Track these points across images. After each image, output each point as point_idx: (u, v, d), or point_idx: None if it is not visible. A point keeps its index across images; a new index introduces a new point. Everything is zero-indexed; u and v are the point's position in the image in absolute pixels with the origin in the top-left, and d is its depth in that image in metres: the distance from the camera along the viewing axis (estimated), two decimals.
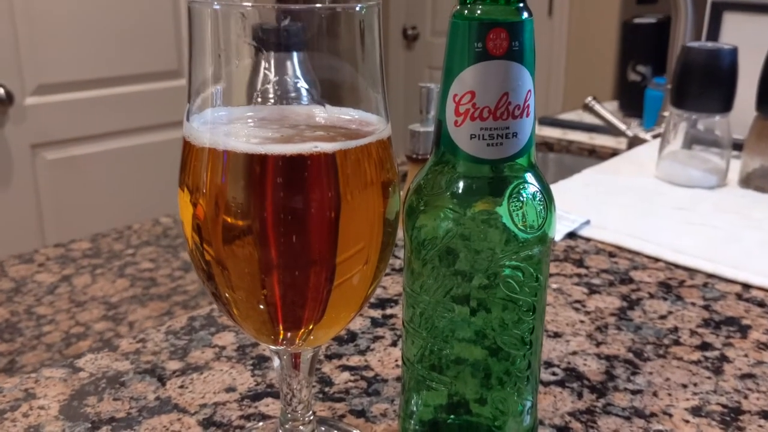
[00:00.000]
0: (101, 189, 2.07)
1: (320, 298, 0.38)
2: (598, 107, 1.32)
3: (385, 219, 0.40)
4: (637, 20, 2.15)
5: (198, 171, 0.37)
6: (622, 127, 1.32)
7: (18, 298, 0.88)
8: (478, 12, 0.38)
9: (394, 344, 0.61)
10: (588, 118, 1.65)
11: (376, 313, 0.66)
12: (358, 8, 0.38)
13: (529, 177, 0.41)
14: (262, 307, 0.37)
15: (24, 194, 1.98)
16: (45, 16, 1.90)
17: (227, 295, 0.38)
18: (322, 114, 0.41)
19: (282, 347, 0.42)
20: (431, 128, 1.03)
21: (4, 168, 1.96)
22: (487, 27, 0.37)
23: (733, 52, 0.93)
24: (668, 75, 1.30)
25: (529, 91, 0.39)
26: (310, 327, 0.39)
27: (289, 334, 0.39)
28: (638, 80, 2.06)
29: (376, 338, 0.62)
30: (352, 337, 0.62)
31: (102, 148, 2.08)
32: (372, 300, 0.69)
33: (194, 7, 0.37)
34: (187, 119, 0.38)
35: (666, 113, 1.31)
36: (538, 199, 0.40)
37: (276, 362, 0.45)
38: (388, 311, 0.67)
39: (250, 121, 0.40)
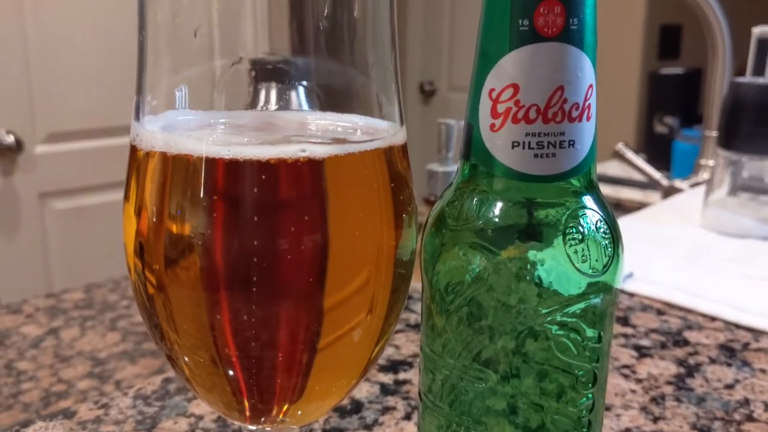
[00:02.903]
0: (110, 240, 2.00)
1: (302, 358, 0.27)
2: (630, 154, 1.23)
3: (397, 254, 0.29)
4: (664, 71, 2.08)
5: (143, 183, 0.27)
6: (657, 175, 1.21)
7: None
8: None
9: (407, 417, 0.50)
10: (612, 170, 1.55)
11: (387, 378, 0.55)
12: None
13: (590, 202, 0.31)
14: (218, 367, 0.27)
15: (32, 244, 1.94)
16: (58, 65, 1.87)
17: (174, 346, 0.28)
18: (319, 120, 0.32)
19: (259, 426, 0.31)
20: (452, 168, 0.93)
21: (13, 217, 1.92)
22: None
23: None
24: (704, 123, 1.20)
25: (591, 86, 0.29)
26: (292, 397, 0.29)
27: (262, 408, 0.29)
28: (665, 132, 1.97)
29: (386, 409, 0.51)
30: (357, 407, 0.51)
31: (111, 198, 2.02)
32: (382, 362, 0.58)
33: None
34: (137, 119, 0.29)
35: (703, 161, 1.22)
36: (602, 231, 0.30)
37: None
38: (402, 376, 0.56)
39: (222, 127, 0.31)
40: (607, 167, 1.60)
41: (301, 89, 0.33)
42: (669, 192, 1.19)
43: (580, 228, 0.30)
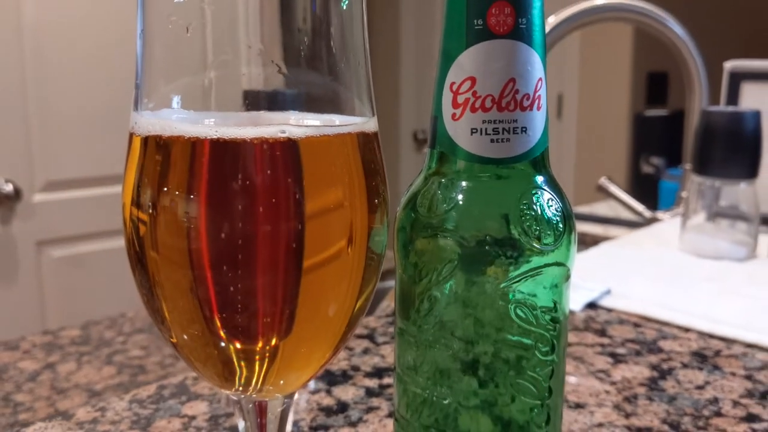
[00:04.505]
0: (107, 287, 2.01)
1: (281, 318, 0.30)
2: (612, 188, 1.27)
3: (370, 230, 0.33)
4: (649, 113, 2.14)
5: (141, 162, 0.30)
6: (640, 207, 1.25)
7: None
8: None
9: (391, 415, 0.53)
10: (601, 210, 1.59)
11: (372, 383, 0.58)
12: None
13: (543, 183, 0.34)
14: (203, 327, 0.30)
15: (29, 291, 1.94)
16: (57, 115, 1.91)
17: (161, 302, 0.31)
18: (301, 117, 0.35)
19: (242, 394, 0.34)
20: None
21: (10, 265, 1.93)
22: (489, 0, 0.32)
23: (756, 116, 0.87)
24: (685, 158, 1.25)
25: (540, 79, 0.33)
26: (271, 366, 0.31)
27: (243, 368, 0.32)
28: (652, 172, 2.02)
29: (371, 409, 0.54)
30: (343, 407, 0.54)
31: (108, 246, 2.04)
32: (368, 369, 0.60)
33: None
34: (135, 108, 0.32)
35: (684, 193, 1.25)
36: (554, 208, 0.34)
37: (241, 425, 0.37)
38: (386, 381, 0.58)
39: (213, 120, 0.34)
40: (596, 208, 1.63)
41: (285, 96, 0.37)
42: (651, 224, 1.22)
43: (533, 205, 0.33)
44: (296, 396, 0.55)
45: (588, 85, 3.01)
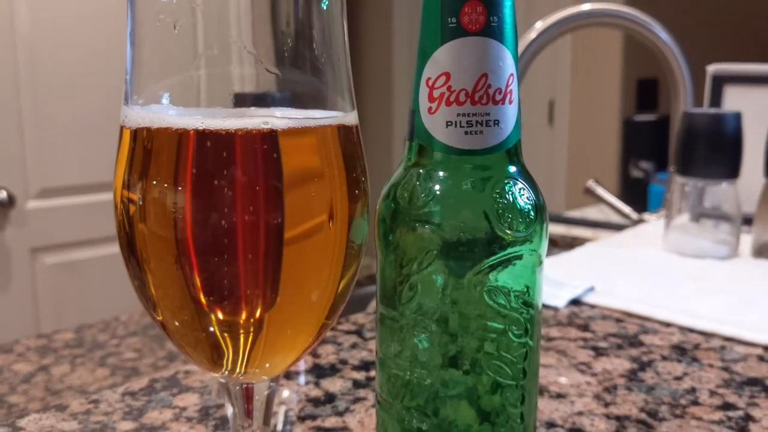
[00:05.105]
0: (101, 294, 2.02)
1: (264, 299, 0.32)
2: (600, 190, 1.28)
3: (351, 214, 0.34)
4: (638, 118, 2.16)
5: (131, 152, 0.32)
6: (626, 209, 1.27)
7: None
8: None
9: None
10: (591, 214, 1.61)
11: (359, 375, 0.59)
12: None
13: (515, 172, 0.36)
14: (191, 307, 0.32)
15: (22, 298, 1.95)
16: (50, 123, 1.92)
17: (148, 278, 0.32)
18: (285, 112, 0.37)
19: (228, 376, 0.36)
20: None
21: (4, 271, 1.94)
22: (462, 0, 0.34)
23: (737, 117, 0.89)
24: (671, 161, 1.27)
25: (512, 74, 0.35)
26: (256, 350, 0.33)
27: (229, 348, 0.33)
28: (641, 177, 2.04)
29: (357, 399, 0.55)
30: (330, 398, 0.55)
31: (102, 253, 2.05)
32: (355, 362, 0.62)
33: None
34: (126, 103, 0.34)
35: (669, 195, 1.27)
36: (525, 196, 0.35)
37: (230, 411, 0.39)
38: (373, 373, 0.60)
39: (200, 114, 0.36)
40: (587, 212, 1.65)
41: (270, 93, 0.38)
42: (638, 225, 1.24)
43: (506, 195, 0.35)
44: (286, 393, 0.56)
45: (579, 91, 3.04)
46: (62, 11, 1.91)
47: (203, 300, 0.31)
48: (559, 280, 0.80)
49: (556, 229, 1.49)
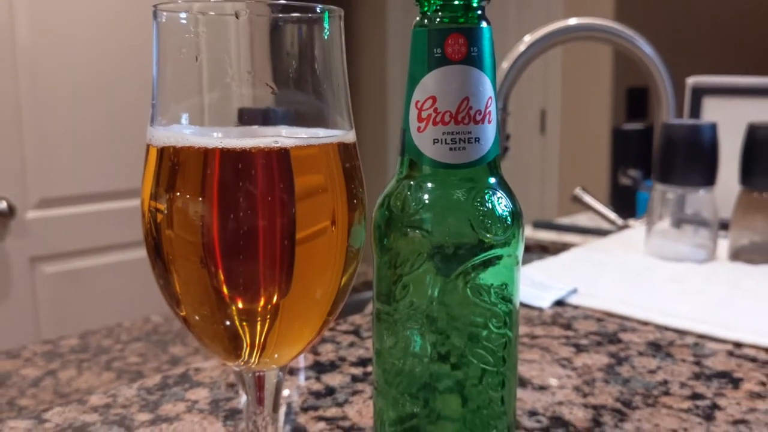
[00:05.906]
0: (101, 303, 2.05)
1: (273, 298, 0.37)
2: (587, 198, 1.33)
3: (350, 220, 0.39)
4: (626, 126, 2.21)
5: (157, 169, 0.37)
6: (612, 215, 1.32)
7: (1, 391, 0.86)
8: (437, 20, 0.39)
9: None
10: (581, 221, 1.66)
11: (357, 371, 0.64)
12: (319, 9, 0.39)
13: (494, 183, 0.41)
14: (213, 304, 0.36)
15: (22, 308, 1.96)
16: (50, 133, 1.93)
17: (176, 289, 0.37)
18: (290, 130, 0.42)
19: (244, 365, 0.40)
20: None
21: (4, 281, 1.95)
22: (446, 33, 0.39)
23: (713, 127, 0.95)
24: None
25: (490, 97, 0.40)
26: (266, 342, 0.38)
27: (247, 339, 0.38)
28: (629, 184, 2.09)
29: (356, 392, 0.60)
30: (330, 391, 0.60)
31: (102, 262, 2.07)
32: (353, 359, 0.67)
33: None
34: (152, 124, 0.39)
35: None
36: (503, 204, 0.40)
37: (243, 399, 0.43)
38: (370, 369, 0.65)
39: (217, 134, 0.41)
40: (577, 219, 1.70)
41: (276, 112, 0.43)
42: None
43: (486, 203, 0.40)
44: (287, 392, 0.61)
45: (570, 100, 3.10)
46: (63, 22, 1.93)
47: (226, 293, 0.36)
48: (544, 282, 0.85)
49: (547, 235, 1.53)
